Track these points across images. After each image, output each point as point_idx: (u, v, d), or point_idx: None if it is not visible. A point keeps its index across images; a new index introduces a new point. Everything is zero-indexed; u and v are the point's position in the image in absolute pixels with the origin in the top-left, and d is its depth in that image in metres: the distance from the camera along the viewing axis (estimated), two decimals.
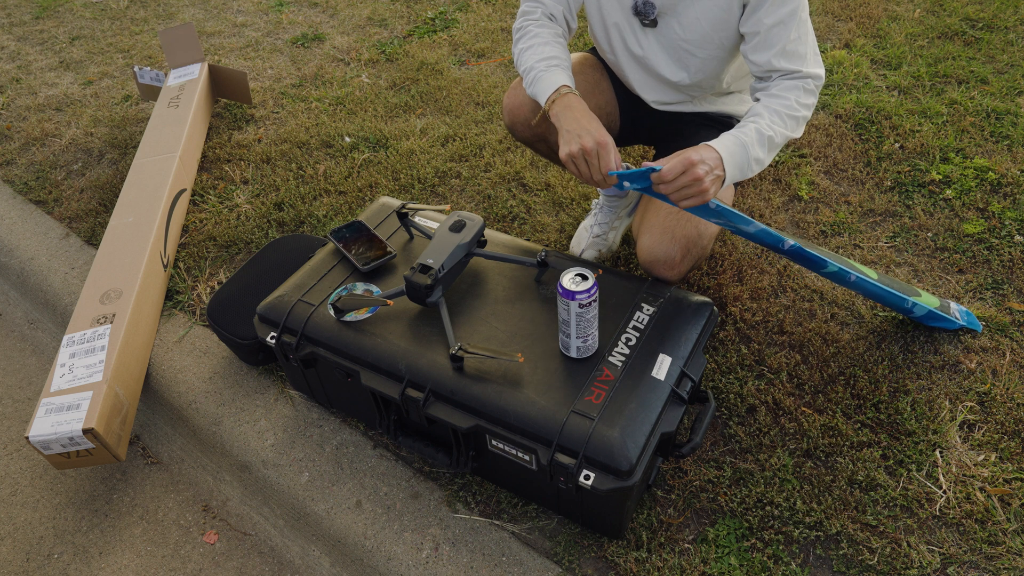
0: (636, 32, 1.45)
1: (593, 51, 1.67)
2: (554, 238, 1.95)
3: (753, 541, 1.31)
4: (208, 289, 1.90)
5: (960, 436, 1.45)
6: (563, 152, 1.30)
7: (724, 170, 1.25)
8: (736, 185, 1.64)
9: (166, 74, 2.55)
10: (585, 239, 1.84)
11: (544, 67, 1.39)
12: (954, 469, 1.39)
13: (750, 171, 1.31)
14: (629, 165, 1.34)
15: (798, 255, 1.42)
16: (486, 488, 1.43)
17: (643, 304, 1.38)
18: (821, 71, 1.37)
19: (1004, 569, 1.25)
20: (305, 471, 1.49)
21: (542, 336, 1.34)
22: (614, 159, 1.28)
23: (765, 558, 1.29)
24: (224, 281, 1.88)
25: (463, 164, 2.26)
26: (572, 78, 1.41)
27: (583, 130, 1.29)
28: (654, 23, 1.41)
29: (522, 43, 1.47)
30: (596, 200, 1.89)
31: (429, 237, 1.53)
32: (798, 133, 1.37)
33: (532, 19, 1.49)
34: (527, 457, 1.24)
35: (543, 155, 1.66)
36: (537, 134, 1.55)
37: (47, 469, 1.67)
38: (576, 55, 1.63)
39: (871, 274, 1.54)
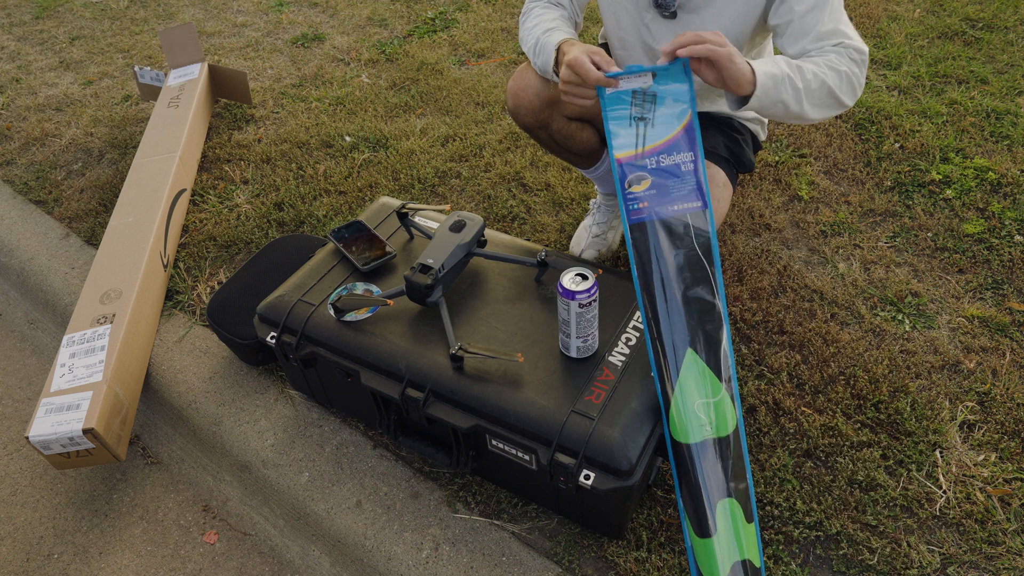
0: (650, 24, 1.44)
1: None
2: (554, 238, 1.95)
3: None
4: (208, 289, 1.90)
5: (960, 436, 1.44)
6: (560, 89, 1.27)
7: (752, 69, 1.18)
8: (735, 184, 1.63)
9: (166, 74, 2.55)
10: (584, 239, 1.85)
11: (547, 36, 1.39)
12: (954, 469, 1.39)
13: (778, 94, 1.22)
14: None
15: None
16: (486, 488, 1.43)
17: None
18: (863, 44, 1.28)
19: (1004, 569, 1.25)
20: (305, 471, 1.49)
21: (542, 336, 1.34)
22: (595, 66, 1.21)
23: (765, 558, 1.28)
24: (224, 281, 1.88)
25: (463, 164, 2.26)
26: (575, 36, 1.40)
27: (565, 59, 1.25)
28: (674, 15, 1.41)
29: (527, 23, 1.47)
30: (594, 200, 1.89)
31: (429, 237, 1.53)
32: (841, 89, 1.26)
33: (540, 3, 1.50)
34: (527, 457, 1.24)
35: (543, 144, 1.65)
36: (540, 120, 1.54)
37: (47, 469, 1.67)
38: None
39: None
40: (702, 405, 1.19)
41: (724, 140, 1.55)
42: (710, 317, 1.22)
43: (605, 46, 1.67)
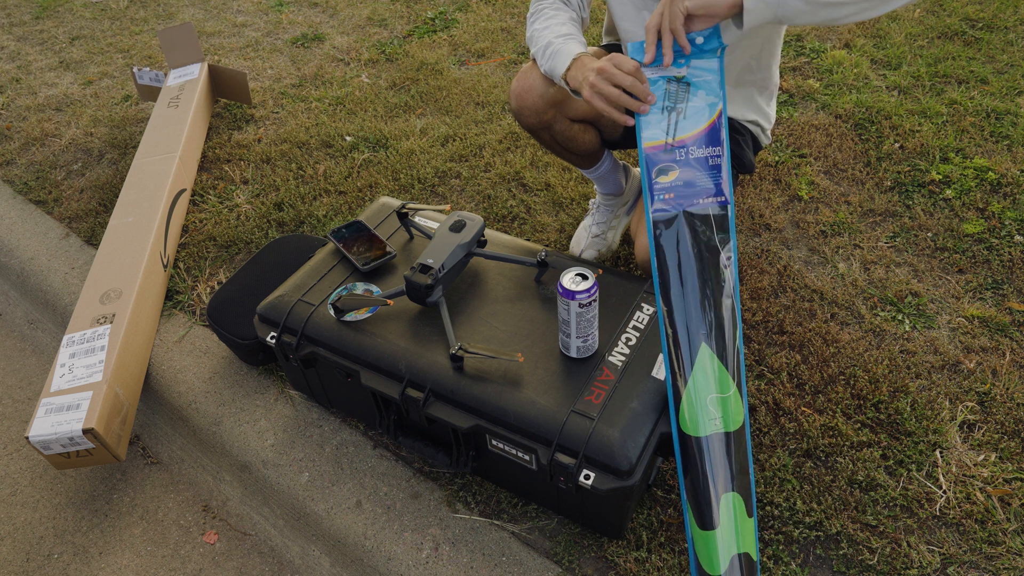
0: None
1: (603, 48, 1.67)
2: (554, 238, 1.95)
3: None
4: (208, 289, 1.90)
5: (960, 436, 1.45)
6: (585, 94, 1.25)
7: None
8: (736, 184, 1.63)
9: (166, 74, 2.55)
10: (584, 239, 1.85)
11: (561, 42, 1.38)
12: (954, 469, 1.39)
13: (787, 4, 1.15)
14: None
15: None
16: (486, 488, 1.43)
17: (643, 304, 1.38)
18: None
19: (1004, 569, 1.25)
20: (305, 471, 1.49)
21: (542, 336, 1.34)
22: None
23: (765, 558, 1.29)
24: (224, 281, 1.88)
25: (463, 164, 2.26)
26: (587, 49, 1.39)
27: (592, 63, 1.24)
28: None
29: (537, 24, 1.46)
30: (593, 200, 1.89)
31: (429, 237, 1.53)
32: None
33: (547, 3, 1.50)
34: (527, 457, 1.24)
35: (545, 144, 1.64)
36: (543, 121, 1.54)
37: (47, 469, 1.67)
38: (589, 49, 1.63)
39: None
40: (714, 399, 1.20)
41: None
42: (725, 313, 1.23)
43: (608, 47, 1.67)
